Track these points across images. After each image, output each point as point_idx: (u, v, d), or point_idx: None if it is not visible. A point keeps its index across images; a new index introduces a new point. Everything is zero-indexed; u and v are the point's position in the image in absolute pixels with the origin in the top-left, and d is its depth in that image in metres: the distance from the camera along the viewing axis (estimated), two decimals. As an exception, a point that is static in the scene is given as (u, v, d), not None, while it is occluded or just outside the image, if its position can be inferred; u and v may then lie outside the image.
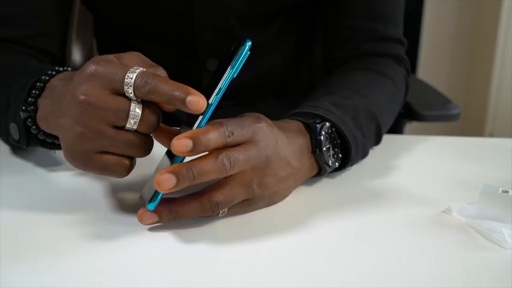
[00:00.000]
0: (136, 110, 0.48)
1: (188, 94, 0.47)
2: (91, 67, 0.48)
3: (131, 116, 0.48)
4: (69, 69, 0.59)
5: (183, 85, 0.47)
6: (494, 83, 2.16)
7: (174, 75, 0.86)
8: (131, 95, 0.47)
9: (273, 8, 0.82)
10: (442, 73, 2.34)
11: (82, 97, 0.47)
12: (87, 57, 1.14)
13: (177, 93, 0.47)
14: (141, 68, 0.48)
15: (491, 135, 2.19)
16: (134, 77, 0.47)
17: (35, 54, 0.76)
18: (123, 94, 0.48)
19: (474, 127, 2.26)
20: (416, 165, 0.69)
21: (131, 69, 0.48)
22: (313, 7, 0.85)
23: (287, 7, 0.82)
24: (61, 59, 0.82)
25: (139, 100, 0.48)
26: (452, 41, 2.33)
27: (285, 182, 0.55)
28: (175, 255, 0.47)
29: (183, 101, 0.46)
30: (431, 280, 0.45)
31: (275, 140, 0.52)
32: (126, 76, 0.47)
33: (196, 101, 0.46)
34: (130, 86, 0.47)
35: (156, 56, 0.86)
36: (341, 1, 0.80)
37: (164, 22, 0.81)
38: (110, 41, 0.91)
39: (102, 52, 0.95)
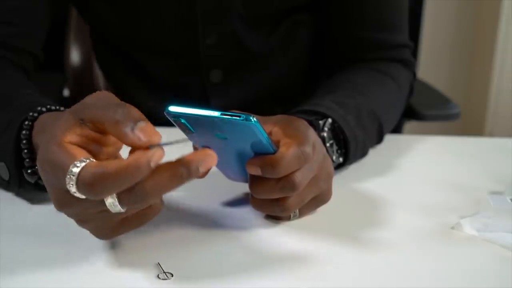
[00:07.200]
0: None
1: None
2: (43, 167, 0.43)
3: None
4: (62, 108, 0.54)
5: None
6: (494, 83, 2.16)
7: (178, 91, 0.84)
8: (75, 194, 0.41)
9: (274, 11, 0.80)
10: (442, 73, 2.34)
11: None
12: (86, 58, 1.14)
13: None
14: (84, 162, 0.40)
15: (491, 134, 2.19)
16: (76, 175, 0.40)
17: (13, 57, 0.71)
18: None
19: (474, 126, 2.25)
20: (416, 165, 0.69)
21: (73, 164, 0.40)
22: (316, 13, 0.83)
23: (288, 10, 0.81)
24: (42, 60, 0.76)
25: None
26: (452, 41, 2.32)
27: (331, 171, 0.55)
28: (174, 254, 0.47)
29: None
30: (431, 280, 0.45)
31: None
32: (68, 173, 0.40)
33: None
34: (72, 185, 0.40)
35: (158, 68, 0.83)
36: (347, 11, 0.79)
37: (167, 30, 0.78)
38: (109, 54, 0.88)
39: (102, 64, 0.92)
